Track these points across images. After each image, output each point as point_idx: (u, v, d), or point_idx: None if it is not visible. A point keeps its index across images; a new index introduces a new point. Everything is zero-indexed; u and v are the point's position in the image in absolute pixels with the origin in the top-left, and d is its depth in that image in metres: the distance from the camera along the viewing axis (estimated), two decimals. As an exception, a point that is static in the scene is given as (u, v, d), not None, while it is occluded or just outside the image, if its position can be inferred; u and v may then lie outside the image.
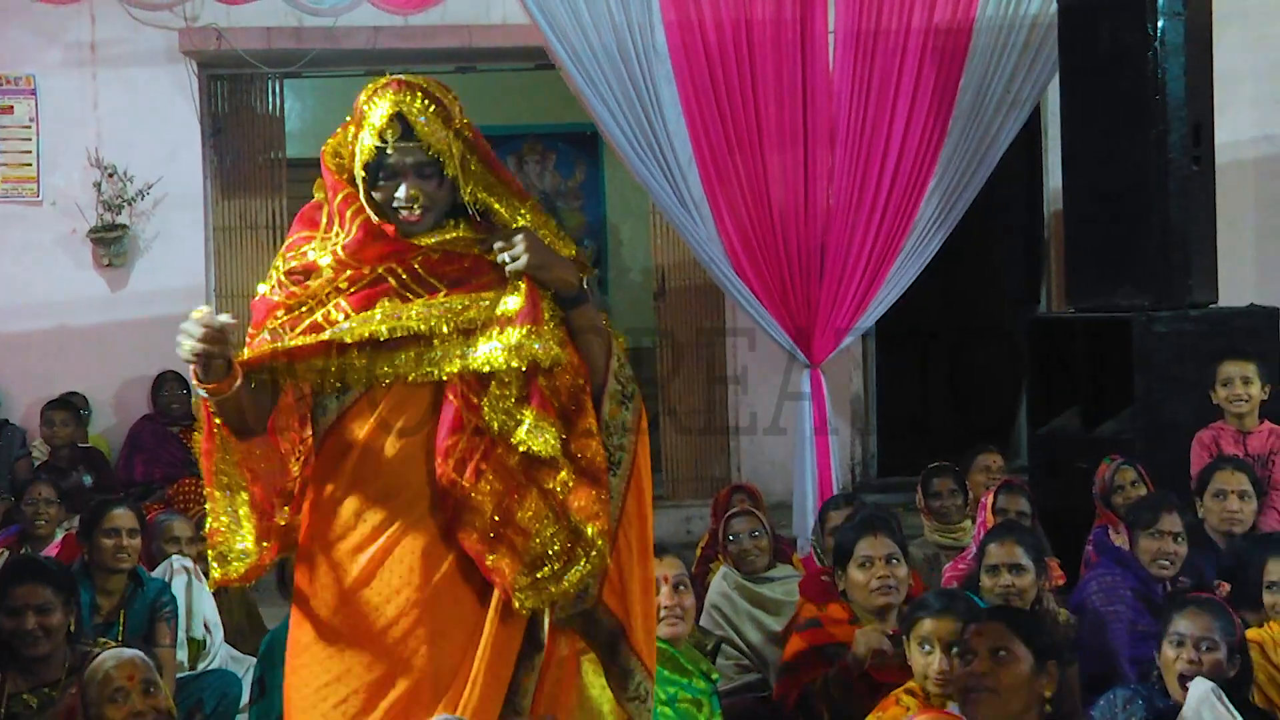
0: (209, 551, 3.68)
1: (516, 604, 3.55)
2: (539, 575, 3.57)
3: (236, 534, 3.65)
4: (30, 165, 9.80)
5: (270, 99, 10.38)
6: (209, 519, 3.67)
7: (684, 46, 8.18)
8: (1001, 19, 8.41)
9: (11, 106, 9.78)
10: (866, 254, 8.35)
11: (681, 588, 4.90)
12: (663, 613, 4.73)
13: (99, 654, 4.73)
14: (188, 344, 3.40)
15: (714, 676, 4.99)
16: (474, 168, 3.64)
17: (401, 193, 3.57)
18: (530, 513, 3.58)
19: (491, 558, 3.55)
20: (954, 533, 6.96)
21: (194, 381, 3.51)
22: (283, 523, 3.71)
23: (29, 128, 9.80)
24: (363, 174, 3.59)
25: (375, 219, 3.60)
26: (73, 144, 9.77)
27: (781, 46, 8.27)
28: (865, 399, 10.30)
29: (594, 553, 3.58)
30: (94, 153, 9.74)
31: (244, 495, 3.66)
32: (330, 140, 3.70)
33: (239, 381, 3.50)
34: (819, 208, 8.31)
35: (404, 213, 3.58)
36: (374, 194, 3.60)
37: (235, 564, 3.65)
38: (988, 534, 5.73)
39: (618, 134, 8.16)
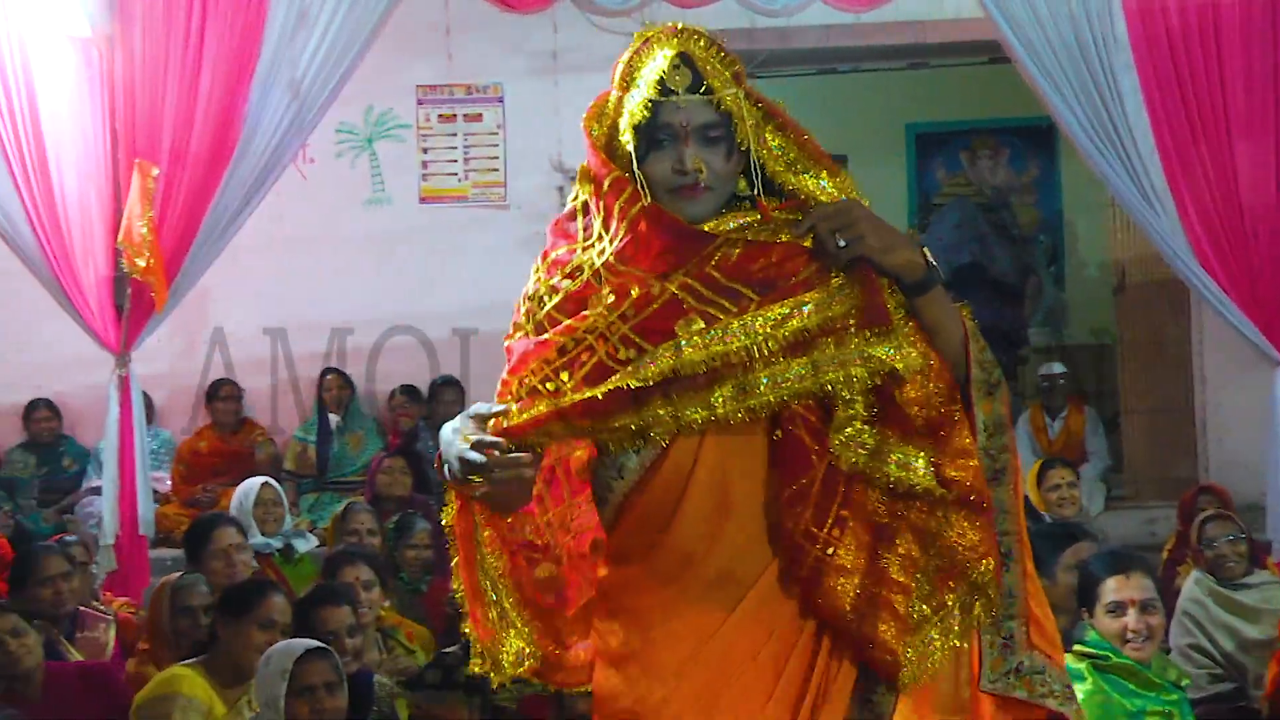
0: (474, 647, 2.94)
1: (907, 678, 2.80)
2: (928, 638, 2.82)
3: (507, 633, 2.91)
4: (498, 170, 10.22)
5: (723, 100, 10.55)
6: (470, 607, 2.91)
7: (1145, 34, 7.94)
8: None
9: (480, 114, 10.21)
10: (1344, 249, 7.96)
11: (1150, 608, 4.65)
12: (1129, 635, 4.59)
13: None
14: (472, 472, 2.75)
15: (1183, 683, 4.83)
16: (769, 137, 2.88)
17: (685, 162, 2.80)
18: (904, 561, 2.81)
19: (871, 628, 2.78)
20: None
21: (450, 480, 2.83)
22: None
23: (496, 134, 10.22)
24: (633, 139, 2.82)
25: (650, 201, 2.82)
26: (536, 149, 10.08)
27: (1251, 31, 7.93)
28: (1345, 399, 9.78)
29: (983, 598, 2.84)
30: (556, 158, 10.05)
31: (506, 582, 2.92)
32: (591, 107, 2.97)
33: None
34: (1291, 200, 7.98)
35: (684, 189, 2.82)
36: (644, 166, 2.83)
37: (510, 667, 2.91)
38: None
39: (1075, 126, 7.97)
